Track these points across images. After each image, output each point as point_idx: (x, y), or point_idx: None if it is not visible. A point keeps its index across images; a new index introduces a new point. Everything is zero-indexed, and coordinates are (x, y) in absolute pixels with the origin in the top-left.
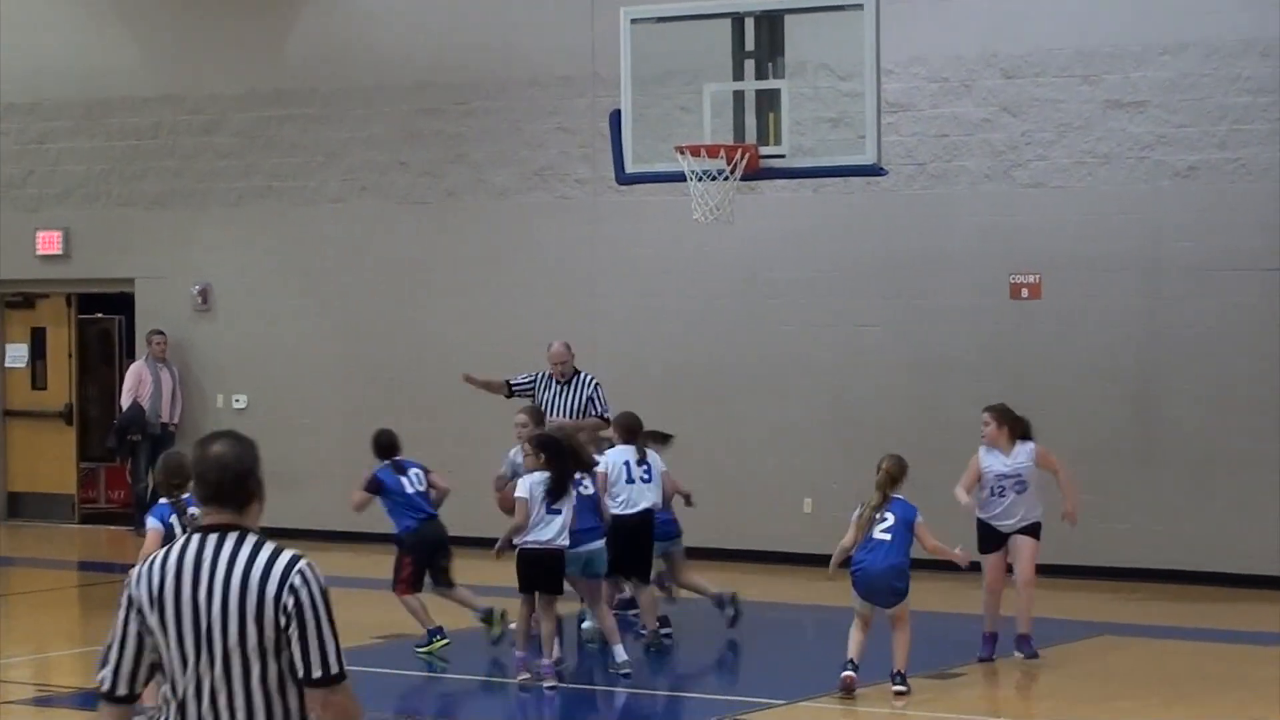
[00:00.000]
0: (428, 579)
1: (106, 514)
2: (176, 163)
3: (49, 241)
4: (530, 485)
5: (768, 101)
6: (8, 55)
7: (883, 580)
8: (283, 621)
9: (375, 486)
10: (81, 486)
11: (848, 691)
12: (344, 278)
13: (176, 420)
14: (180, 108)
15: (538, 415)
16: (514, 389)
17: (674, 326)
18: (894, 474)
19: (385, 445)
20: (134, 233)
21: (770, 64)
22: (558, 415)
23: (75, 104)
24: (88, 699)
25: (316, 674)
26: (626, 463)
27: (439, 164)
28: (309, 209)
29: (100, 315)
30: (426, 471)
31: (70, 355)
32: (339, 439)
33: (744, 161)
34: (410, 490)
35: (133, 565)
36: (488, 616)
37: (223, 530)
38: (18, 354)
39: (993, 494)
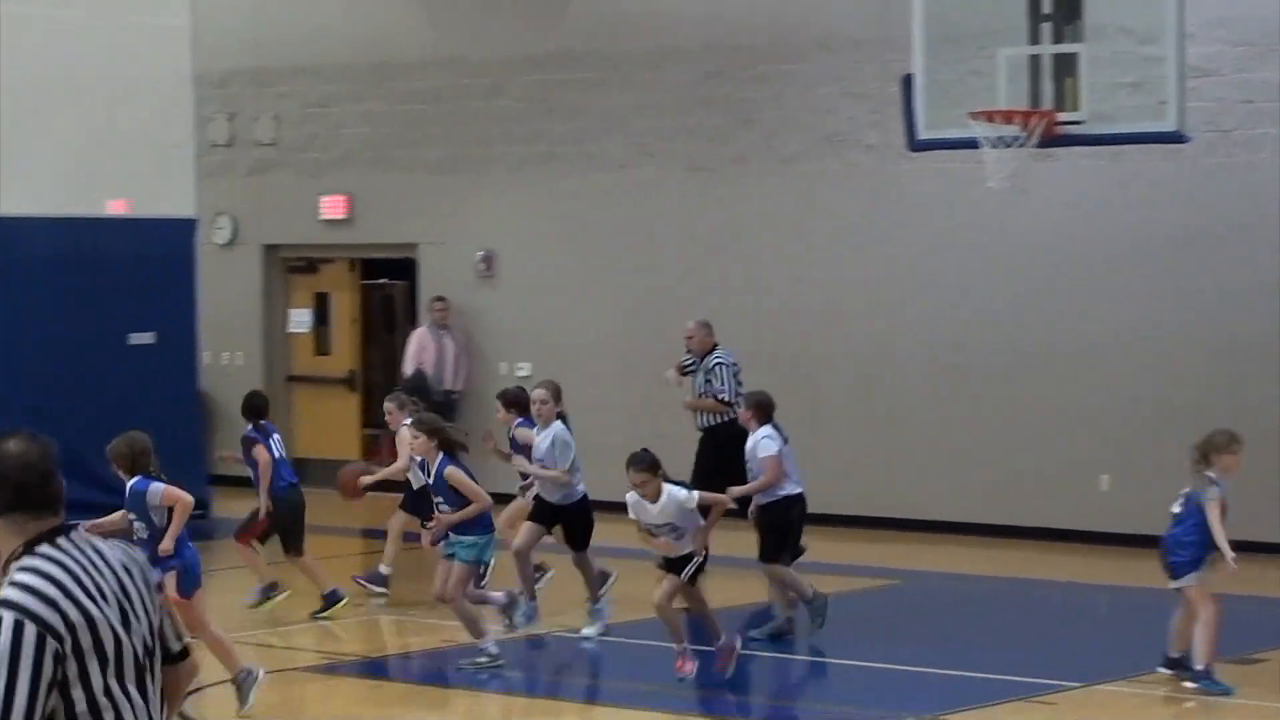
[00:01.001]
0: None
1: (389, 481)
2: (459, 127)
3: (333, 206)
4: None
5: (1065, 66)
6: (291, 19)
7: (1162, 552)
8: (158, 600)
9: (257, 443)
10: (364, 453)
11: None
12: (627, 245)
13: (460, 387)
14: (463, 71)
15: (556, 390)
16: (684, 368)
17: (963, 298)
18: (1202, 450)
19: (254, 408)
20: (417, 198)
21: (1068, 27)
22: (689, 395)
23: (358, 68)
24: (372, 666)
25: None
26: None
27: (726, 129)
28: (593, 175)
29: (384, 281)
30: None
31: (354, 321)
32: (621, 410)
33: (1040, 127)
34: (279, 454)
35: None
36: (332, 597)
37: (66, 531)
38: (301, 319)
39: None
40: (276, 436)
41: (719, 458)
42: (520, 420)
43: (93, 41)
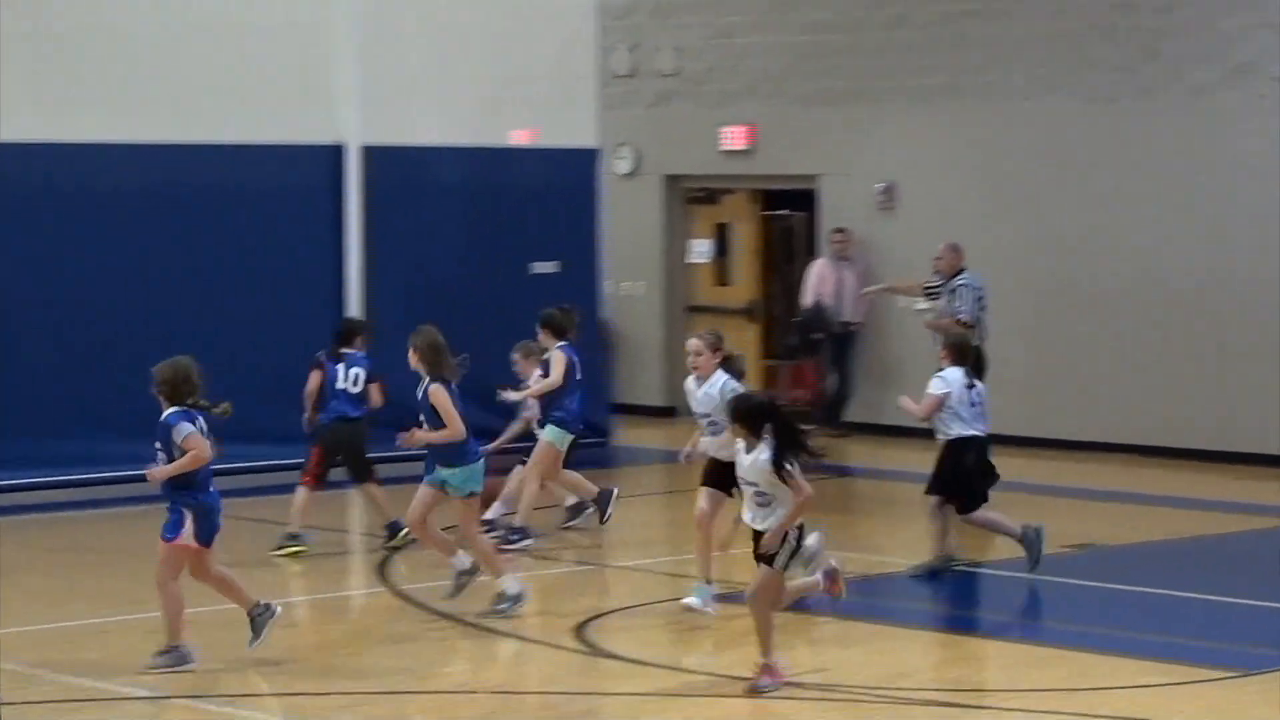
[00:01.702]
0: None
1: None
2: (861, 58)
3: (735, 137)
4: None
5: None
6: None
7: None
8: None
9: (318, 367)
10: (764, 385)
11: None
12: (1029, 179)
13: (859, 319)
14: (866, 2)
15: (713, 342)
16: (926, 290)
17: None
18: None
19: (340, 333)
20: (817, 129)
21: None
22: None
23: None
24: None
25: None
26: (970, 386)
27: (1132, 61)
28: (995, 107)
29: (784, 211)
30: (369, 379)
31: (754, 252)
32: (1023, 340)
33: None
34: (340, 385)
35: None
36: (394, 527)
37: None
38: (702, 249)
39: None
40: (355, 370)
41: None
42: (561, 345)
43: None
